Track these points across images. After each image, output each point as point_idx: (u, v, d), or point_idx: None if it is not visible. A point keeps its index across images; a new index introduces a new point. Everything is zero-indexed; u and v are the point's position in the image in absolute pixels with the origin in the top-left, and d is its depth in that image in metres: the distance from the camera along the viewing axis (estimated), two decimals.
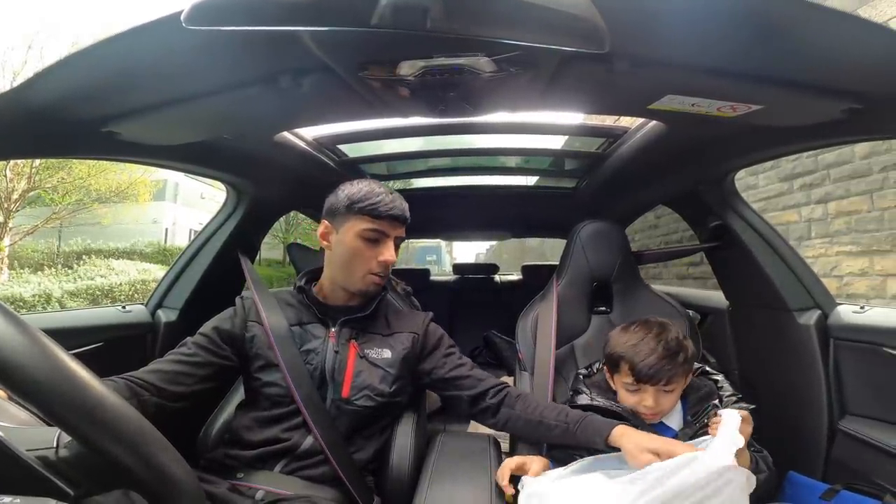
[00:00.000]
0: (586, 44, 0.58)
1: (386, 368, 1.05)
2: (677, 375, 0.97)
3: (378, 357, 1.06)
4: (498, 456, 1.09)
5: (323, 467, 0.97)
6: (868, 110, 0.80)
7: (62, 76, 0.73)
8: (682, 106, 0.90)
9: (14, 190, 9.32)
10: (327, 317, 1.08)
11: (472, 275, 3.61)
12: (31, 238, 10.12)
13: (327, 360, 1.02)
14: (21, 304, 7.70)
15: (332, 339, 1.05)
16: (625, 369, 1.00)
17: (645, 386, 0.97)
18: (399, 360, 1.07)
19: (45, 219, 10.09)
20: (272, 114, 1.03)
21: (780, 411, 1.33)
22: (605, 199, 1.97)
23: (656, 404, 0.97)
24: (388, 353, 1.07)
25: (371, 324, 1.10)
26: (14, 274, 9.46)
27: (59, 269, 9.92)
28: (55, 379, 0.45)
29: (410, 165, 2.10)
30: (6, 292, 7.87)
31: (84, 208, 10.64)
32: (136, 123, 0.92)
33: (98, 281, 9.17)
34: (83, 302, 8.45)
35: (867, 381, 1.17)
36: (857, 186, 3.48)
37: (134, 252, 11.82)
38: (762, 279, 1.35)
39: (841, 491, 1.08)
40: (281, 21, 0.57)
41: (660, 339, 0.99)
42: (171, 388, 0.91)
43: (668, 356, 0.96)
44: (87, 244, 11.27)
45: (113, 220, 11.81)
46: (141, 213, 12.31)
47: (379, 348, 1.07)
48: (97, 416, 0.47)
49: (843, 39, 0.64)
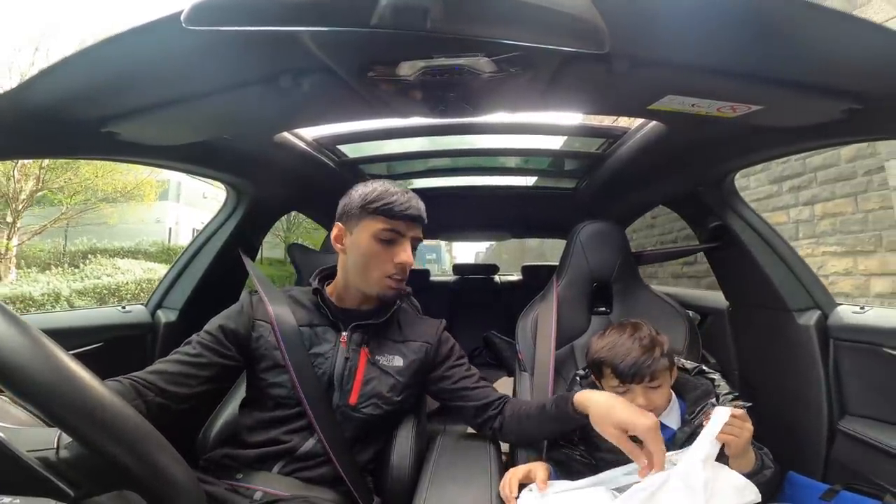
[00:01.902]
0: (586, 44, 0.58)
1: (396, 376, 1.03)
2: (659, 370, 0.98)
3: (389, 364, 1.04)
4: (498, 456, 1.09)
5: (322, 469, 0.96)
6: (868, 110, 0.80)
7: (62, 76, 0.73)
8: (682, 106, 0.90)
9: (21, 190, 9.40)
10: (339, 320, 1.05)
11: (472, 275, 3.61)
12: (37, 238, 10.23)
13: (336, 367, 1.00)
14: (31, 303, 7.76)
15: (343, 344, 1.03)
16: (608, 373, 1.02)
17: (631, 385, 0.98)
18: (410, 369, 1.05)
19: (54, 219, 10.19)
20: (272, 114, 1.03)
21: (779, 412, 1.33)
22: (605, 200, 1.97)
23: (648, 402, 0.98)
24: (400, 361, 1.05)
25: (384, 329, 1.08)
26: (21, 273, 9.52)
27: (65, 268, 9.97)
28: (55, 380, 0.45)
29: (410, 166, 2.10)
30: (16, 291, 7.91)
31: (91, 208, 10.77)
32: (136, 123, 0.91)
33: (105, 280, 9.22)
34: (91, 301, 8.51)
35: (867, 381, 1.17)
36: (843, 189, 3.58)
37: (138, 251, 11.88)
38: (762, 279, 1.35)
39: (841, 491, 1.08)
40: (281, 21, 0.57)
41: (634, 338, 1.01)
42: (175, 389, 0.89)
43: (644, 352, 0.98)
44: (92, 243, 11.34)
45: (118, 219, 11.93)
46: (144, 212, 12.39)
47: (390, 355, 1.05)
48: (97, 417, 0.47)
49: (843, 40, 0.64)
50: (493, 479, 0.98)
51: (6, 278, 9.23)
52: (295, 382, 0.96)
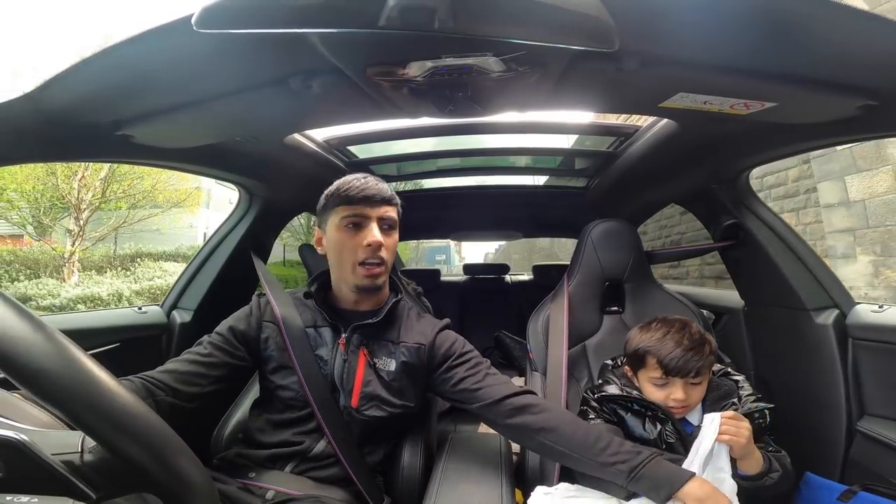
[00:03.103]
0: (596, 42, 0.58)
1: (390, 381, 1.01)
2: (704, 367, 0.99)
3: (384, 368, 1.02)
4: (509, 456, 1.09)
5: (333, 469, 0.97)
6: (884, 107, 0.79)
7: (76, 80, 0.74)
8: (694, 104, 0.89)
9: (82, 200, 10.05)
10: (339, 322, 1.04)
11: (483, 275, 3.60)
12: (87, 242, 10.85)
13: (335, 368, 1.00)
14: (100, 302, 8.53)
15: (342, 346, 1.02)
16: (652, 363, 1.02)
17: (674, 379, 0.99)
18: (403, 372, 1.02)
19: (116, 226, 10.91)
20: (283, 116, 1.04)
21: (797, 412, 1.30)
22: (616, 198, 1.95)
23: (686, 397, 0.99)
24: (392, 365, 1.02)
25: (384, 331, 1.05)
26: (82, 276, 10.26)
27: (118, 270, 10.75)
28: (79, 384, 0.46)
29: (420, 166, 2.10)
30: (87, 292, 8.71)
31: (150, 216, 11.60)
32: (150, 126, 0.93)
33: (157, 282, 9.84)
34: (146, 299, 8.98)
35: (886, 381, 1.14)
36: (789, 205, 4.37)
37: (178, 255, 12.55)
38: (778, 278, 1.33)
39: (859, 492, 1.07)
40: (290, 23, 0.58)
41: (684, 333, 1.01)
42: (186, 388, 0.90)
43: (693, 348, 0.98)
44: (138, 248, 12.10)
45: (167, 226, 12.64)
46: (178, 218, 12.91)
47: (387, 358, 1.03)
48: (122, 421, 0.48)
49: (856, 35, 0.63)
50: (504, 478, 0.98)
51: (69, 280, 9.88)
52: (303, 383, 0.97)
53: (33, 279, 9.47)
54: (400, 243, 1.13)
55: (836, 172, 3.45)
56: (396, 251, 1.06)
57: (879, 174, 3.13)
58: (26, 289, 8.84)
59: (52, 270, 9.95)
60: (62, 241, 10.37)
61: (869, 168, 3.19)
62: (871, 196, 3.18)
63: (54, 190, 9.99)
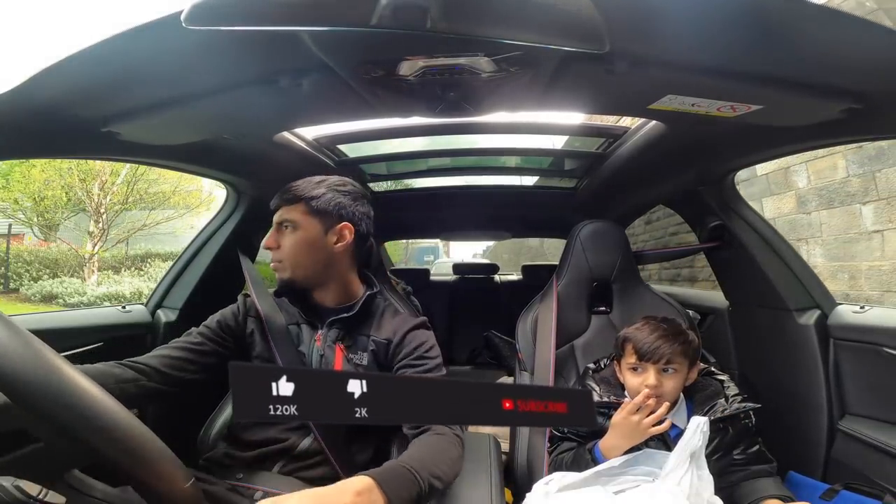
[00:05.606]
0: (586, 43, 0.58)
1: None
2: (676, 355, 1.02)
3: (360, 362, 1.03)
4: (498, 455, 1.09)
5: (321, 468, 0.96)
6: (868, 110, 0.80)
7: (62, 76, 0.73)
8: (683, 106, 0.90)
9: (101, 204, 10.30)
10: (315, 319, 1.07)
11: (472, 275, 3.61)
12: (107, 244, 11.11)
13: (314, 363, 1.02)
14: (122, 299, 8.61)
15: (318, 342, 1.04)
16: (628, 349, 1.08)
17: (646, 364, 1.03)
18: (373, 367, 1.02)
19: (136, 228, 11.12)
20: (272, 114, 1.03)
21: (780, 411, 1.33)
22: (605, 199, 1.97)
23: (659, 384, 1.01)
24: (366, 359, 1.03)
25: (360, 325, 1.07)
26: (102, 276, 10.64)
27: (132, 270, 11.04)
28: (68, 400, 0.48)
29: (410, 165, 2.10)
30: (111, 290, 9.24)
31: (168, 219, 11.77)
32: (137, 123, 0.91)
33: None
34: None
35: (867, 381, 1.17)
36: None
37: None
38: (762, 279, 1.35)
39: (841, 491, 1.09)
40: (280, 21, 0.57)
41: (661, 324, 1.08)
42: (174, 373, 0.93)
43: (665, 336, 1.04)
44: (148, 249, 12.23)
45: (180, 229, 12.62)
46: (192, 220, 12.91)
47: (361, 352, 1.04)
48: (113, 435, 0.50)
49: (843, 39, 0.64)
50: (494, 478, 0.98)
51: (89, 279, 10.23)
52: None
53: (55, 278, 9.91)
54: (390, 244, 1.13)
55: (756, 194, 3.95)
56: (305, 245, 1.02)
57: (786, 197, 3.73)
58: (52, 287, 9.38)
59: (71, 270, 10.39)
60: (77, 243, 10.59)
61: (779, 192, 3.79)
62: (780, 215, 3.76)
63: (68, 191, 10.24)
